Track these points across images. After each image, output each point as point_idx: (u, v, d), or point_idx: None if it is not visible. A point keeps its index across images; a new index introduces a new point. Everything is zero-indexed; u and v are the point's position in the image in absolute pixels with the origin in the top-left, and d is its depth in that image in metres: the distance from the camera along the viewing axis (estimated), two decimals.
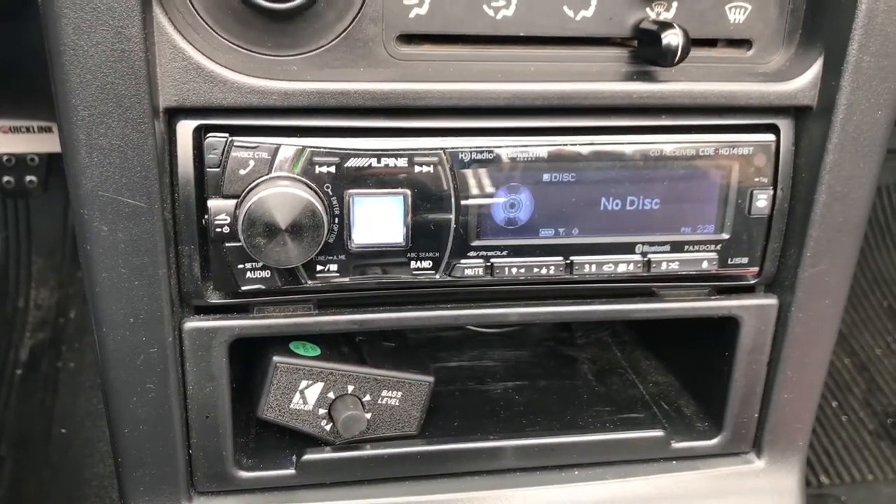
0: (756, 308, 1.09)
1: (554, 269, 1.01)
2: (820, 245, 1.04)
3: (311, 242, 0.90)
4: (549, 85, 0.95)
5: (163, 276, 0.92)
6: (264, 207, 0.88)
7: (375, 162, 0.93)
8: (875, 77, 0.97)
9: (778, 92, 0.99)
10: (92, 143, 0.86)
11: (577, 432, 1.14)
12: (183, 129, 0.90)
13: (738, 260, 1.05)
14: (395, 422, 1.10)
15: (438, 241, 0.97)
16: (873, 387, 2.49)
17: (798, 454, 1.17)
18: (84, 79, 0.83)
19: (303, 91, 0.89)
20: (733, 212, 1.02)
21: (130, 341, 0.95)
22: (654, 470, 1.15)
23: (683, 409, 1.23)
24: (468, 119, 0.96)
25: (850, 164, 1.01)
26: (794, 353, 1.10)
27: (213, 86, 0.87)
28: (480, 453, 1.11)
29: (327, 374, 1.05)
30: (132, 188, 0.88)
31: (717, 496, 1.15)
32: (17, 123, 1.98)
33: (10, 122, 1.98)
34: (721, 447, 1.16)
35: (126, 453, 1.01)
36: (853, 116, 0.99)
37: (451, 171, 0.95)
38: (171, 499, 1.03)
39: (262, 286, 0.95)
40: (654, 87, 0.97)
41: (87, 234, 0.89)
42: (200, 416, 1.01)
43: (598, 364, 1.35)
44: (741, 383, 1.12)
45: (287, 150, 0.91)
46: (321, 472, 1.07)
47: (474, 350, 1.38)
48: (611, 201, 1.00)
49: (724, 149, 1.00)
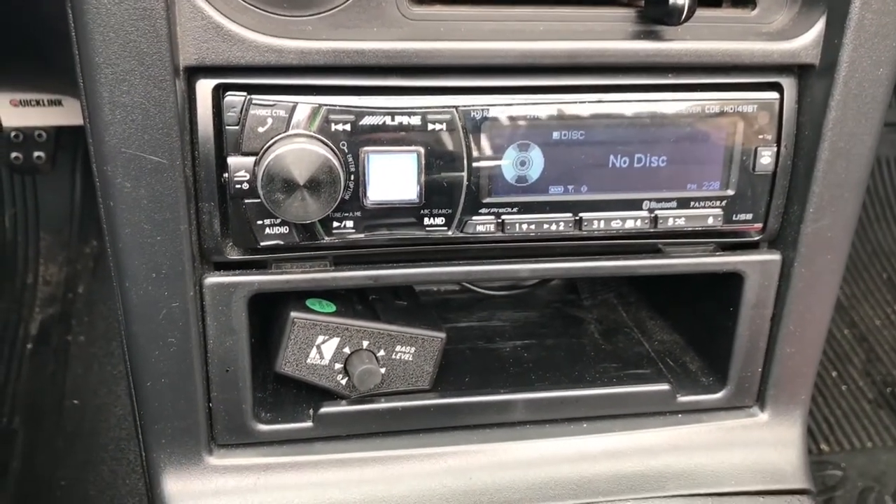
0: (760, 263, 1.11)
1: (563, 226, 1.04)
2: (822, 201, 1.07)
3: (328, 198, 0.92)
4: (558, 44, 0.97)
5: (184, 231, 0.95)
6: (282, 163, 0.90)
7: (389, 120, 0.95)
8: (877, 34, 0.99)
9: (781, 50, 1.01)
10: (115, 101, 0.88)
11: (584, 386, 1.17)
12: (202, 88, 0.92)
13: (742, 216, 1.07)
14: (409, 376, 1.13)
15: (451, 197, 1.00)
16: (872, 357, 2.51)
17: (800, 408, 1.20)
18: (107, 37, 0.85)
19: (318, 50, 0.91)
20: (738, 169, 1.05)
21: (153, 296, 0.97)
22: (660, 423, 1.17)
23: (689, 365, 1.25)
24: (479, 78, 0.98)
25: (853, 121, 1.03)
26: (797, 308, 1.13)
27: (231, 45, 0.90)
28: (491, 406, 1.14)
29: (343, 329, 1.08)
30: (154, 145, 0.90)
31: (722, 448, 1.18)
32: (27, 97, 1.99)
33: (19, 96, 1.99)
34: (725, 401, 1.19)
35: (148, 406, 1.03)
36: (855, 74, 1.01)
37: (463, 129, 0.98)
38: (191, 451, 1.06)
39: (281, 242, 0.98)
40: (660, 46, 0.99)
41: (111, 190, 0.92)
42: (220, 370, 1.03)
43: (605, 324, 1.38)
44: (745, 338, 1.15)
45: (304, 109, 0.93)
46: (337, 425, 1.10)
47: (483, 311, 1.41)
48: (618, 159, 1.03)
49: (729, 107, 1.03)
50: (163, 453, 1.06)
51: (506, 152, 1.00)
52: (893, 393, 2.39)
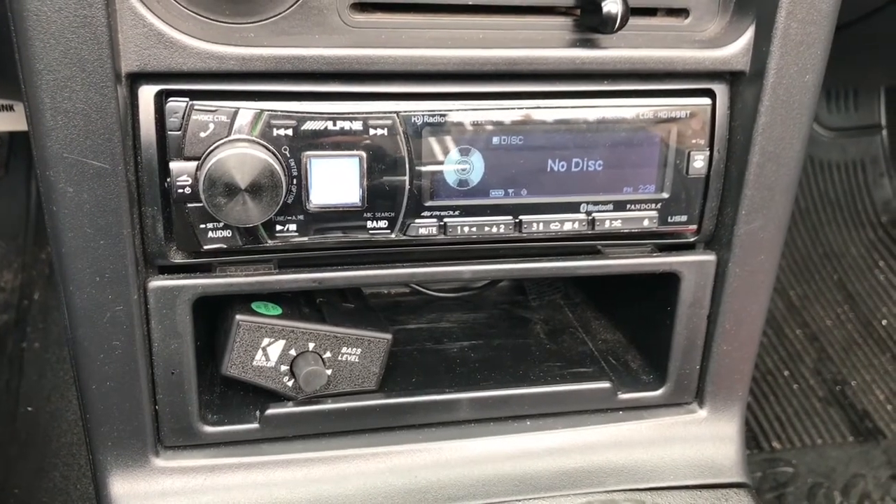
0: (695, 264, 1.15)
1: (504, 228, 1.06)
2: (754, 203, 1.10)
3: (269, 202, 0.94)
4: (497, 51, 0.99)
5: (127, 235, 0.96)
6: (224, 168, 0.92)
7: (331, 125, 0.97)
8: (802, 43, 1.03)
9: (713, 58, 1.05)
10: (56, 107, 0.89)
11: (528, 385, 1.20)
12: (145, 94, 0.93)
13: (677, 218, 1.11)
14: (355, 378, 1.14)
15: (393, 201, 1.02)
16: (823, 356, 2.57)
17: (738, 403, 1.24)
18: (48, 44, 0.86)
19: (259, 56, 0.93)
20: (672, 172, 1.08)
21: (96, 299, 0.98)
22: (601, 420, 1.20)
23: (630, 364, 1.29)
24: (420, 84, 1.00)
25: (781, 126, 1.07)
26: (732, 306, 1.17)
27: (173, 51, 0.91)
28: (437, 406, 1.16)
29: (289, 331, 1.10)
30: (96, 150, 0.91)
31: (662, 444, 1.21)
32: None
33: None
34: (665, 398, 1.22)
35: (94, 409, 1.04)
36: (783, 80, 1.05)
37: (405, 134, 1.00)
38: (138, 453, 1.07)
39: (224, 245, 0.99)
40: (596, 54, 1.02)
41: (53, 195, 0.93)
42: (166, 373, 1.05)
43: (551, 324, 1.40)
44: (683, 336, 1.18)
45: (246, 114, 0.95)
46: (283, 426, 1.11)
47: (433, 313, 1.43)
48: (557, 163, 1.06)
49: (663, 112, 1.06)
50: (109, 455, 1.07)
51: (447, 157, 1.02)
52: (843, 391, 2.45)
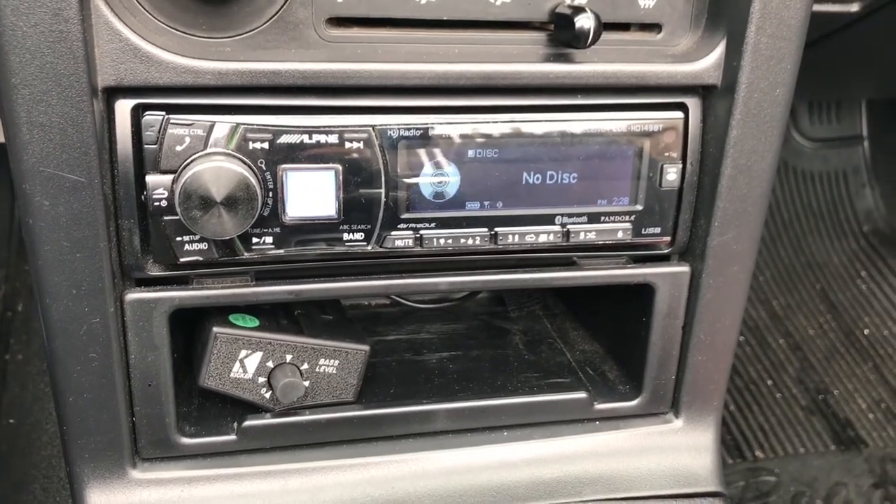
0: (670, 275, 1.16)
1: (479, 240, 1.07)
2: (727, 215, 1.12)
3: (245, 215, 0.95)
4: (472, 66, 1.01)
5: (103, 248, 0.96)
6: (200, 181, 0.93)
7: (307, 138, 0.98)
8: (772, 57, 1.05)
9: (685, 72, 1.06)
10: (32, 121, 0.90)
11: (505, 395, 1.21)
12: (121, 108, 0.94)
13: (651, 230, 1.12)
14: (333, 389, 1.15)
15: (369, 213, 1.03)
16: (806, 365, 2.59)
17: (713, 413, 1.25)
18: (23, 58, 0.87)
19: (235, 71, 0.94)
20: (646, 185, 1.10)
21: (73, 312, 0.98)
22: (578, 430, 1.21)
23: (607, 374, 1.30)
24: (396, 98, 1.01)
25: (753, 139, 1.09)
26: (707, 317, 1.18)
27: (149, 66, 0.92)
28: (414, 417, 1.17)
29: (266, 343, 1.10)
30: (72, 164, 0.92)
31: (638, 454, 1.22)
32: None
33: None
34: (641, 408, 1.23)
35: (71, 421, 1.04)
36: (754, 94, 1.06)
37: (381, 148, 1.01)
38: (115, 465, 1.07)
39: (200, 258, 1.00)
40: (569, 68, 1.03)
41: (30, 207, 0.93)
42: (143, 385, 1.05)
43: (529, 335, 1.41)
44: (658, 347, 1.20)
45: (222, 128, 0.95)
46: (261, 438, 1.12)
47: (412, 325, 1.44)
48: (532, 176, 1.07)
49: (637, 126, 1.07)
50: (87, 467, 1.07)
51: (423, 170, 1.03)
52: (826, 400, 2.47)
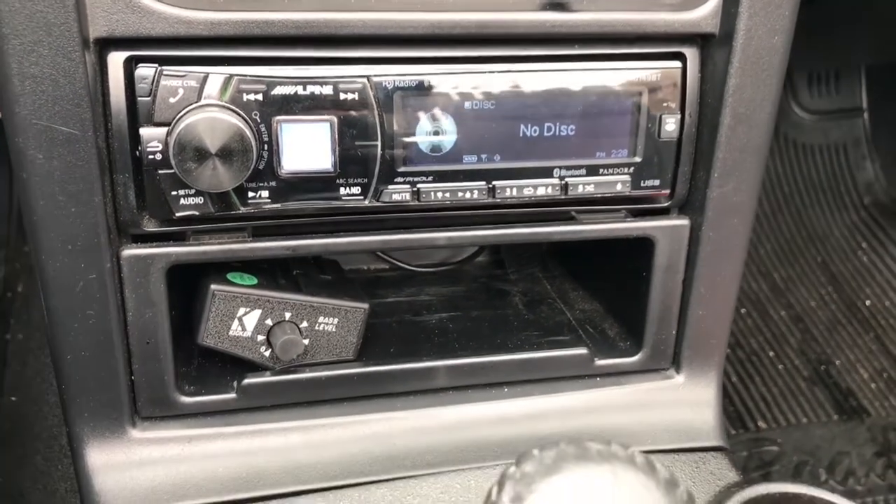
0: (669, 228, 1.15)
1: (477, 194, 1.06)
2: (726, 166, 1.11)
3: (240, 167, 0.94)
4: (468, 14, 1.00)
5: (98, 203, 0.96)
6: (194, 132, 0.92)
7: (301, 90, 0.97)
8: (770, 3, 1.04)
9: (683, 20, 1.05)
10: (24, 72, 0.89)
11: (506, 352, 1.20)
12: (114, 60, 0.93)
13: (650, 182, 1.11)
14: (333, 347, 1.15)
15: (366, 167, 1.02)
16: (808, 337, 2.58)
17: (714, 368, 1.24)
18: (13, 7, 0.86)
19: (227, 20, 0.93)
20: (644, 136, 1.09)
21: (69, 268, 0.98)
22: (579, 386, 1.21)
23: (607, 331, 1.29)
24: (391, 48, 1.00)
25: (752, 88, 1.08)
26: (707, 271, 1.17)
27: (140, 16, 0.91)
28: (414, 374, 1.16)
29: (264, 301, 1.10)
30: (65, 116, 0.91)
31: (639, 409, 1.21)
32: None
33: None
34: (642, 364, 1.23)
35: (69, 380, 1.04)
36: (752, 42, 1.05)
37: (376, 99, 1.00)
38: (115, 423, 1.07)
39: (196, 212, 0.99)
40: (565, 17, 1.02)
41: (23, 161, 0.92)
42: (141, 342, 1.04)
43: (529, 296, 1.41)
44: (658, 302, 1.19)
45: (215, 79, 0.95)
46: (260, 396, 1.11)
47: (412, 287, 1.43)
48: (529, 128, 1.06)
49: (634, 76, 1.06)
50: (86, 427, 1.06)
51: (419, 122, 1.02)
52: (828, 371, 2.46)
